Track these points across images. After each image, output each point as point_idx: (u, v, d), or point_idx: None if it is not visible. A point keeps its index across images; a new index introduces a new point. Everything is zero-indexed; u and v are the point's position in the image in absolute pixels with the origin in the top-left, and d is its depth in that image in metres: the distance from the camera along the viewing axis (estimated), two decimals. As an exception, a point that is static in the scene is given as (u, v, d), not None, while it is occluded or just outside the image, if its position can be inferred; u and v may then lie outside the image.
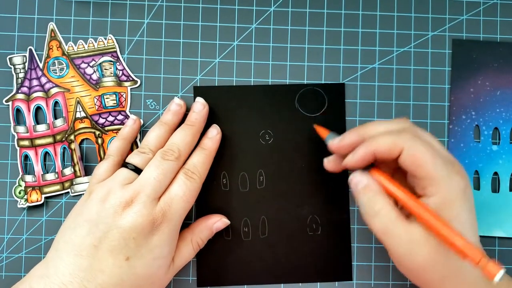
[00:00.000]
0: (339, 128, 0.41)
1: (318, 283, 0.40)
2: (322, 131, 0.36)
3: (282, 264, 0.40)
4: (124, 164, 0.36)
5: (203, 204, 0.39)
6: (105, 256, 0.32)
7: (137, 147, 0.39)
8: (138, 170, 0.35)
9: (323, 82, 0.41)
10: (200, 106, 0.38)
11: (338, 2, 0.41)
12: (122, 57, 0.40)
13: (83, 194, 0.39)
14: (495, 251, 0.40)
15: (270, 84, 0.41)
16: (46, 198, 0.39)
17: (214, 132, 0.38)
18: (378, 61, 0.41)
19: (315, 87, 0.41)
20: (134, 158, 0.36)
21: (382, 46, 0.41)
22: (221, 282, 0.40)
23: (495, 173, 0.41)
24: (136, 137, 0.40)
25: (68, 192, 0.39)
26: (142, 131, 0.40)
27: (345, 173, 0.40)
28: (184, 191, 0.34)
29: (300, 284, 0.40)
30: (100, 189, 0.34)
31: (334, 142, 0.34)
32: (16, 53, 0.40)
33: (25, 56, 0.40)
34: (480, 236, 0.40)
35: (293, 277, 0.40)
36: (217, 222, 0.38)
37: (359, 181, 0.32)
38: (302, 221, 0.40)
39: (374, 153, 0.31)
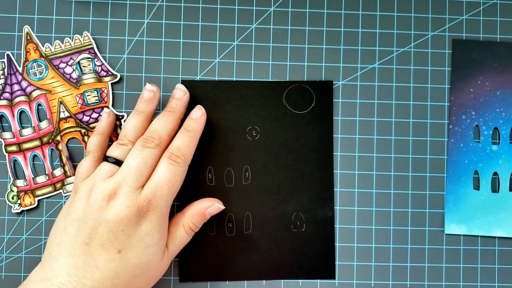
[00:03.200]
0: (327, 125, 0.41)
1: (318, 281, 0.40)
2: None
3: (265, 261, 0.40)
4: (105, 158, 0.36)
5: (188, 199, 0.39)
6: (97, 252, 0.32)
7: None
8: (119, 163, 0.35)
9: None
10: (180, 93, 0.38)
11: (338, 2, 0.41)
12: (102, 55, 0.40)
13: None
14: (495, 251, 0.40)
15: (259, 80, 0.41)
16: (39, 200, 0.39)
17: (199, 113, 0.37)
18: (378, 61, 0.41)
19: (303, 84, 0.41)
20: (113, 151, 0.35)
21: (382, 46, 0.41)
22: (204, 277, 0.39)
23: (495, 173, 0.41)
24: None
25: (61, 193, 0.40)
26: (142, 131, 0.40)
27: (331, 171, 0.40)
28: (168, 176, 0.34)
29: (300, 282, 0.40)
30: (84, 187, 0.34)
31: None
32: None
33: (3, 62, 0.40)
34: (480, 236, 0.40)
35: (276, 274, 0.39)
36: (210, 207, 0.36)
37: None
38: (286, 218, 0.40)
39: None
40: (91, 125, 0.40)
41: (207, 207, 0.36)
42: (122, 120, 0.40)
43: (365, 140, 0.41)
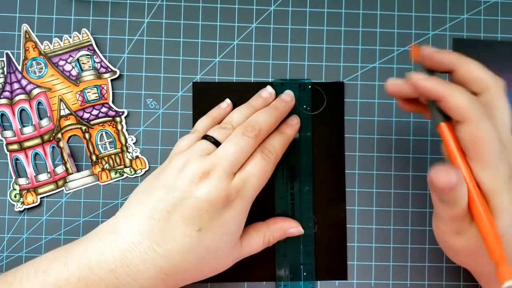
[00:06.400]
0: (339, 126, 0.40)
1: (318, 281, 0.40)
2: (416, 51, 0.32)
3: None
4: (204, 137, 0.36)
5: None
6: (177, 224, 0.32)
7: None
8: (217, 144, 0.35)
9: (322, 80, 0.41)
10: (288, 97, 0.39)
11: (338, 1, 0.41)
12: (102, 54, 0.40)
13: (78, 191, 0.40)
14: (495, 251, 0.40)
15: (270, 81, 0.41)
16: (41, 198, 0.40)
17: (295, 121, 0.39)
18: (379, 60, 0.41)
19: (314, 85, 0.41)
20: (214, 132, 0.36)
21: (383, 46, 0.41)
22: (219, 278, 0.39)
23: (496, 173, 0.40)
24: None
25: (63, 191, 0.40)
26: (142, 131, 0.40)
27: (343, 172, 0.40)
28: (259, 170, 0.34)
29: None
30: (179, 158, 0.34)
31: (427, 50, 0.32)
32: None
33: (2, 61, 0.40)
34: (481, 236, 0.40)
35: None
36: (292, 228, 0.38)
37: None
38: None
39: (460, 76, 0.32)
40: (92, 122, 0.40)
41: (290, 227, 0.38)
42: (123, 116, 0.40)
43: (365, 139, 0.41)
